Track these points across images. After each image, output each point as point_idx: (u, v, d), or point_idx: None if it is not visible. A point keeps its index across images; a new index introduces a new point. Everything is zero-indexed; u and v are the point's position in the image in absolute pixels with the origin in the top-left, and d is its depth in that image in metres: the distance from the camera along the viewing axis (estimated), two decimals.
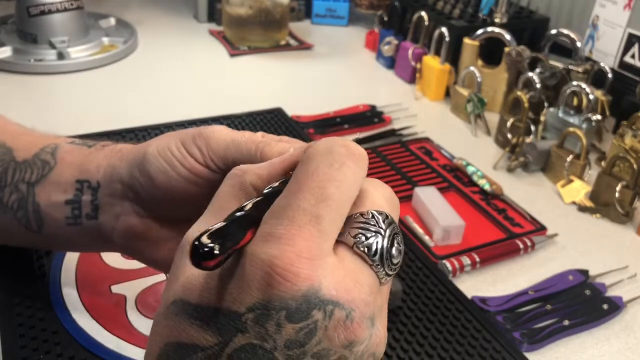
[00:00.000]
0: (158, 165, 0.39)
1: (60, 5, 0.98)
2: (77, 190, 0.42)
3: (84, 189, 0.42)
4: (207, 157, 0.38)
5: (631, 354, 0.53)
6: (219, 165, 0.38)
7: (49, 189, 0.43)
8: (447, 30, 0.94)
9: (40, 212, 0.43)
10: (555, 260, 0.63)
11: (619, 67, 0.91)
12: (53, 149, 0.44)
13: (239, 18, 1.10)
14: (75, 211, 0.42)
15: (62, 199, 0.42)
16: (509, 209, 0.70)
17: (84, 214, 0.42)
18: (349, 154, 0.27)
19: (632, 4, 0.88)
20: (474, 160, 0.78)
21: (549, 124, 0.84)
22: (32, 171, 0.43)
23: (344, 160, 0.27)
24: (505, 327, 0.54)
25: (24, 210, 0.43)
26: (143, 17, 1.20)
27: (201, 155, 0.38)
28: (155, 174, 0.39)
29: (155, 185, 0.39)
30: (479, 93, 0.89)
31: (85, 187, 0.42)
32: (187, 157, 0.38)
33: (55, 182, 0.43)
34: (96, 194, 0.42)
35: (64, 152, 0.44)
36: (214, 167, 0.38)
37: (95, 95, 0.92)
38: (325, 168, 0.26)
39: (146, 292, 0.53)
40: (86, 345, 0.47)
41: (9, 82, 0.93)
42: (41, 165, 0.43)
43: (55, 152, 0.44)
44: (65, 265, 0.55)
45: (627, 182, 0.70)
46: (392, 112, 0.91)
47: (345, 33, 1.24)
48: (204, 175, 0.38)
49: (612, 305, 0.57)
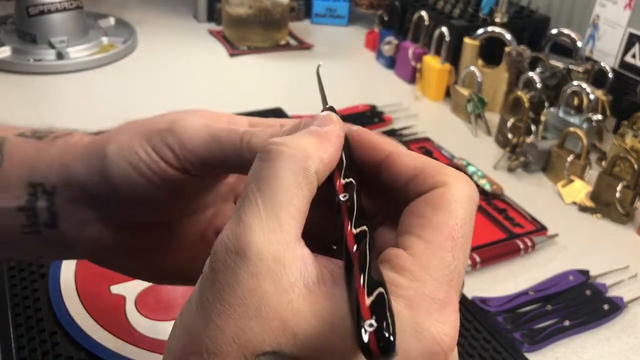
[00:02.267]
0: (121, 172, 0.32)
1: (59, 5, 0.98)
2: (29, 195, 0.35)
3: (37, 193, 0.35)
4: (181, 159, 0.31)
5: (632, 354, 0.53)
6: (197, 167, 0.31)
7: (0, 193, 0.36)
8: (448, 30, 0.94)
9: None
10: (555, 260, 0.63)
11: (619, 67, 0.91)
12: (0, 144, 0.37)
13: (239, 18, 1.09)
14: (31, 219, 0.36)
15: (14, 204, 0.35)
16: (510, 209, 0.70)
17: (40, 222, 0.35)
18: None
19: (633, 4, 0.88)
20: (474, 160, 0.78)
21: (550, 124, 0.84)
22: None
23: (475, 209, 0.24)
24: (506, 327, 0.53)
25: None
26: (142, 17, 1.20)
27: (174, 158, 0.31)
28: (118, 180, 0.32)
29: (119, 192, 0.32)
30: (480, 93, 0.89)
31: (39, 191, 0.35)
32: (158, 161, 0.31)
33: (5, 186, 0.36)
34: (52, 199, 0.35)
35: (12, 147, 0.37)
36: (191, 169, 0.31)
37: (95, 95, 0.92)
38: (469, 220, 0.24)
39: (145, 292, 0.53)
40: (85, 346, 0.47)
41: (8, 82, 0.93)
42: None
43: (2, 148, 0.37)
44: (64, 265, 0.54)
45: (627, 182, 0.70)
46: (393, 112, 0.91)
47: (345, 33, 1.24)
48: (178, 179, 0.31)
49: (613, 306, 0.56)
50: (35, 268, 0.54)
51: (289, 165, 0.23)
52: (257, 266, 0.21)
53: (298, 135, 0.25)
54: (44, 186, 0.35)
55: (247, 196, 0.23)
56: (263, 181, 0.23)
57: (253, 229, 0.22)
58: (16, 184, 0.35)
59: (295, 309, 0.21)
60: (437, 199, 0.24)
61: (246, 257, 0.22)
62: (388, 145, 0.27)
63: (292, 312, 0.21)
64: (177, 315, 0.24)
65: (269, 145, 0.24)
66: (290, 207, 0.23)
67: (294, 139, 0.25)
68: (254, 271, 0.21)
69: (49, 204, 0.35)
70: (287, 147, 0.24)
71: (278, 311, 0.21)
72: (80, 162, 0.34)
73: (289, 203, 0.23)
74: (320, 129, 0.26)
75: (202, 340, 0.22)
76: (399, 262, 0.23)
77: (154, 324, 0.50)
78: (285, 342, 0.21)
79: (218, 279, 0.22)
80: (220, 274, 0.22)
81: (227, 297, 0.22)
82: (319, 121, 0.26)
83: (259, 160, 0.24)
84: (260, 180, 0.23)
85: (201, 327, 0.22)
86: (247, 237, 0.22)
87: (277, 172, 0.23)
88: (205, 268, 0.23)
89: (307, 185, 0.24)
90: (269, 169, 0.23)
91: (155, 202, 0.33)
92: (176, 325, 0.24)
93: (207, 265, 0.23)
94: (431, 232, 0.23)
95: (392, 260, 0.23)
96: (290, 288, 0.22)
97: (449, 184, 0.24)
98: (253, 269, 0.21)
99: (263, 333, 0.21)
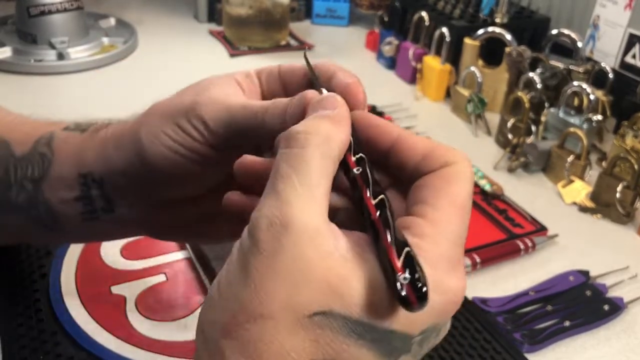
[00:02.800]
0: (155, 152, 0.36)
1: (60, 6, 0.98)
2: (82, 185, 0.40)
3: (88, 183, 0.40)
4: (206, 137, 0.35)
5: (632, 354, 0.53)
6: (221, 143, 0.35)
7: (55, 185, 0.41)
8: (448, 31, 0.94)
9: (53, 209, 0.41)
10: (555, 260, 0.63)
11: (619, 68, 0.91)
12: (48, 139, 0.42)
13: (239, 18, 1.10)
14: (88, 207, 0.40)
15: (70, 195, 0.40)
16: (510, 210, 0.70)
17: (98, 208, 0.40)
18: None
19: (633, 4, 0.88)
20: (474, 160, 0.78)
21: (550, 124, 0.84)
22: (32, 167, 0.42)
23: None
24: (506, 328, 0.53)
25: (36, 209, 0.42)
26: (143, 17, 1.20)
27: (200, 135, 0.35)
28: (155, 160, 0.36)
29: (157, 171, 0.37)
30: (480, 93, 0.89)
31: (89, 181, 0.40)
32: (186, 137, 0.35)
33: (58, 178, 0.41)
34: (102, 187, 0.40)
35: (60, 142, 0.42)
36: (216, 144, 0.35)
37: (95, 95, 0.92)
38: (472, 194, 0.28)
39: (146, 292, 0.53)
40: (86, 346, 0.47)
41: (9, 83, 0.93)
42: (40, 159, 0.42)
43: (51, 143, 0.42)
44: (65, 265, 0.55)
45: (627, 183, 0.70)
46: (393, 112, 0.91)
47: (346, 33, 1.24)
48: (206, 153, 0.35)
49: (613, 306, 0.56)
50: (35, 268, 0.54)
51: (316, 150, 0.26)
52: (299, 236, 0.24)
53: (316, 121, 0.28)
54: (93, 176, 0.40)
55: (282, 176, 0.25)
56: (297, 163, 0.26)
57: (293, 203, 0.24)
58: (68, 176, 0.40)
59: (338, 273, 0.24)
60: (450, 174, 0.28)
61: (289, 227, 0.24)
62: (396, 128, 0.30)
63: (336, 276, 0.24)
64: (210, 292, 0.26)
65: (296, 134, 0.27)
66: (321, 187, 0.26)
67: (315, 125, 0.27)
68: (297, 240, 0.24)
69: (101, 191, 0.40)
70: (312, 135, 0.27)
71: (323, 275, 0.24)
72: (120, 151, 0.38)
73: (319, 183, 0.26)
74: (332, 112, 0.29)
75: (255, 307, 0.23)
76: (418, 228, 0.26)
77: (154, 324, 0.50)
78: (333, 302, 0.23)
79: (264, 248, 0.24)
80: (264, 244, 0.24)
81: (275, 264, 0.24)
82: (327, 103, 0.29)
83: (288, 147, 0.27)
84: (293, 162, 0.26)
85: (252, 295, 0.24)
86: (288, 210, 0.24)
87: (307, 155, 0.26)
88: (244, 241, 0.25)
89: (332, 165, 0.27)
90: (302, 154, 0.26)
91: (190, 177, 0.37)
92: (214, 299, 0.25)
93: (247, 238, 0.25)
94: (446, 202, 0.27)
95: (412, 227, 0.26)
96: (329, 255, 0.24)
97: (458, 163, 0.29)
98: (296, 238, 0.24)
99: (311, 295, 0.23)
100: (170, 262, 0.57)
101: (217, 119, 0.34)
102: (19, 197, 0.42)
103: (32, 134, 0.43)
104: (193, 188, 0.38)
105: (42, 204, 0.41)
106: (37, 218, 0.42)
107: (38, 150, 0.42)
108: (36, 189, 0.41)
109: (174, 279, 0.55)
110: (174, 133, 0.35)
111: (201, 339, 0.26)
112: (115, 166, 0.38)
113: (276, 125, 0.33)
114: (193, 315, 0.51)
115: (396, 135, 0.30)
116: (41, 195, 0.41)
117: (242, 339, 0.24)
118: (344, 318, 0.23)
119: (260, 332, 0.23)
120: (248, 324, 0.23)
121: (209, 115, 0.34)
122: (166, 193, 0.39)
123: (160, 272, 0.55)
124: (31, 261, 0.54)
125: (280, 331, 0.23)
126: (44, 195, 0.41)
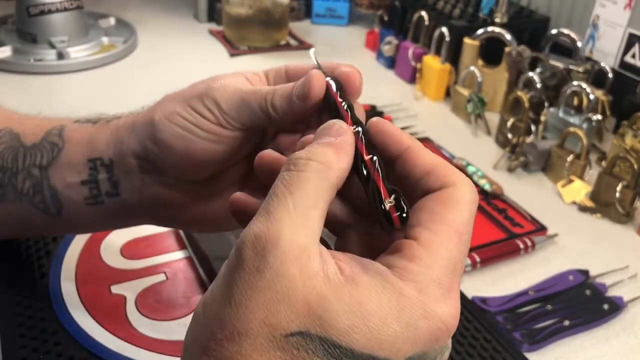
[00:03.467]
0: (169, 132, 0.38)
1: (60, 5, 0.98)
2: (90, 169, 0.42)
3: (97, 167, 0.41)
4: (220, 119, 0.37)
5: (632, 354, 0.53)
6: (234, 125, 0.38)
7: (62, 171, 0.42)
8: (448, 30, 0.94)
9: (58, 195, 0.42)
10: (555, 260, 0.63)
11: (619, 67, 0.91)
12: (59, 130, 0.44)
13: (239, 18, 1.10)
14: (94, 191, 0.42)
15: (77, 180, 0.42)
16: (509, 209, 0.70)
17: (103, 192, 0.42)
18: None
19: (633, 4, 0.88)
20: (474, 160, 0.78)
21: (550, 124, 0.84)
22: (42, 154, 0.43)
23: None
24: (506, 327, 0.53)
25: (41, 195, 0.43)
26: (143, 17, 1.20)
27: (214, 117, 0.38)
28: (169, 140, 0.38)
29: (173, 151, 0.38)
30: (479, 93, 0.89)
31: (98, 165, 0.41)
32: (199, 117, 0.38)
33: (67, 164, 0.42)
34: (111, 171, 0.41)
35: (70, 132, 0.43)
36: (229, 127, 0.38)
37: (95, 95, 0.92)
38: (471, 220, 0.27)
39: (146, 292, 0.53)
40: (86, 345, 0.47)
41: (9, 82, 0.93)
42: (50, 147, 0.43)
43: (62, 133, 0.43)
44: (65, 265, 0.55)
45: (627, 182, 0.70)
46: (392, 112, 0.91)
47: (345, 33, 1.24)
48: (221, 132, 0.38)
49: (613, 306, 0.57)
50: (36, 268, 0.54)
51: (315, 175, 0.26)
52: (284, 254, 0.24)
53: (319, 148, 0.28)
54: (103, 160, 0.41)
55: (277, 196, 0.26)
56: (293, 185, 0.26)
57: (283, 222, 0.24)
58: (77, 162, 0.42)
59: (319, 293, 0.23)
60: (447, 197, 0.27)
61: (276, 244, 0.24)
62: (408, 139, 0.30)
63: (317, 295, 0.23)
64: (197, 307, 0.26)
65: (298, 159, 0.27)
66: (315, 209, 0.26)
67: (317, 152, 0.28)
68: (283, 258, 0.24)
69: (109, 175, 0.41)
70: (313, 161, 0.27)
71: (304, 295, 0.23)
72: (133, 134, 0.40)
73: (315, 206, 0.26)
74: (336, 140, 0.29)
75: (234, 325, 0.23)
76: (410, 251, 0.26)
77: (154, 324, 0.50)
78: (312, 323, 0.23)
79: (247, 265, 0.24)
80: (249, 260, 0.24)
81: (257, 281, 0.23)
82: (332, 131, 0.29)
83: (289, 170, 0.27)
84: (290, 184, 0.26)
85: (231, 312, 0.24)
86: (277, 228, 0.24)
87: (305, 179, 0.26)
88: (231, 258, 0.25)
89: (329, 191, 0.27)
90: (299, 177, 0.26)
91: (205, 157, 0.39)
92: (199, 315, 0.25)
93: (234, 255, 0.25)
94: (441, 226, 0.26)
95: (404, 249, 0.26)
96: (314, 275, 0.24)
97: (457, 185, 0.28)
98: (282, 256, 0.24)
99: (290, 314, 0.23)
100: (170, 262, 0.57)
101: (230, 101, 0.37)
102: (24, 184, 0.43)
103: (43, 126, 0.45)
104: (202, 168, 0.40)
105: (47, 189, 0.42)
106: (40, 205, 0.43)
107: (49, 139, 0.43)
108: (43, 175, 0.42)
109: (174, 279, 0.55)
110: (188, 114, 0.38)
111: (184, 355, 0.26)
112: (127, 148, 0.40)
113: (284, 104, 0.36)
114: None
115: (407, 146, 0.30)
116: (47, 181, 0.42)
117: (219, 357, 0.23)
118: (321, 340, 0.23)
119: (236, 351, 0.23)
120: (226, 342, 0.23)
121: (222, 97, 0.37)
122: (177, 173, 0.40)
123: (160, 272, 0.55)
124: (31, 261, 0.55)
125: (256, 349, 0.23)
126: (50, 181, 0.42)
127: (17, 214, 0.44)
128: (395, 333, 0.24)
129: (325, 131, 0.30)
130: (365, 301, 0.24)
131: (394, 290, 0.24)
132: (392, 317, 0.24)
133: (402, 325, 0.24)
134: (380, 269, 0.25)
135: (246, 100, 0.37)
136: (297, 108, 0.35)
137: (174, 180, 0.41)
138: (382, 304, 0.24)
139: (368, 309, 0.24)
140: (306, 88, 0.34)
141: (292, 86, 0.36)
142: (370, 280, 0.25)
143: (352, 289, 0.24)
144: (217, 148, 0.38)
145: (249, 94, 0.37)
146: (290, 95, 0.35)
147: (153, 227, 0.60)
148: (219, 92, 0.37)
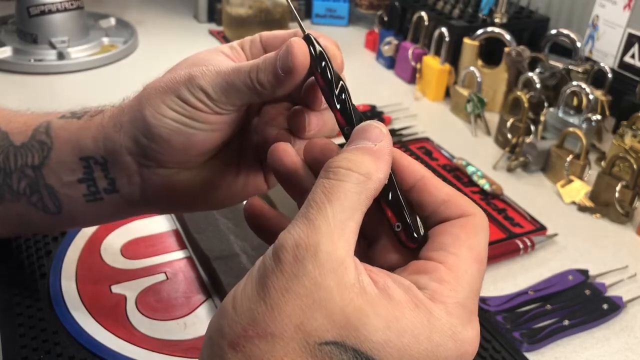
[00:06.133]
0: (168, 127, 0.38)
1: (60, 5, 0.98)
2: (84, 168, 0.41)
3: (91, 165, 0.41)
4: (212, 106, 0.37)
5: (631, 353, 0.53)
6: (227, 109, 0.37)
7: (57, 170, 0.42)
8: (447, 30, 0.94)
9: (56, 193, 0.42)
10: (555, 260, 0.63)
11: (618, 67, 0.91)
12: (46, 127, 0.43)
13: (239, 18, 1.10)
14: (92, 188, 0.41)
15: (73, 178, 0.41)
16: (509, 209, 0.70)
17: (101, 189, 0.41)
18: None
19: (632, 4, 0.88)
20: (474, 160, 0.78)
21: (549, 124, 0.84)
22: (32, 155, 0.42)
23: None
24: (505, 327, 0.54)
25: (38, 194, 0.42)
26: (143, 17, 1.20)
27: (206, 106, 0.37)
28: (169, 135, 0.38)
29: (172, 145, 0.38)
30: (479, 93, 0.89)
31: (92, 163, 0.41)
32: (194, 111, 0.37)
33: (59, 163, 0.42)
34: (106, 168, 0.41)
35: (57, 129, 0.43)
36: (224, 112, 0.37)
37: (95, 95, 0.91)
38: (485, 250, 0.29)
39: (146, 291, 0.53)
40: (86, 345, 0.47)
41: (9, 82, 0.93)
42: (39, 147, 0.42)
43: (49, 131, 0.43)
44: (65, 265, 0.55)
45: (627, 182, 0.70)
46: (392, 112, 0.91)
47: (345, 33, 1.24)
48: (217, 120, 0.37)
49: (612, 305, 0.57)
50: (36, 267, 0.54)
51: (355, 187, 0.27)
52: (323, 264, 0.24)
53: (359, 156, 0.28)
54: (95, 159, 0.41)
55: (316, 204, 0.26)
56: (333, 195, 0.26)
57: (322, 231, 0.25)
58: (69, 161, 0.41)
59: (357, 306, 0.24)
60: (469, 226, 0.29)
61: (315, 254, 0.24)
62: (421, 169, 0.31)
63: (354, 308, 0.24)
64: (225, 300, 0.26)
65: (337, 168, 0.27)
66: (352, 221, 0.26)
67: (358, 161, 0.28)
68: (321, 268, 0.24)
69: (105, 173, 0.41)
70: (354, 172, 0.27)
71: (341, 306, 0.24)
72: (122, 132, 0.39)
73: (352, 218, 0.26)
74: (375, 146, 0.29)
75: (267, 324, 0.24)
76: (438, 274, 0.27)
77: (154, 324, 0.50)
78: (347, 335, 0.24)
79: (286, 270, 0.24)
80: (288, 265, 0.24)
81: (295, 287, 0.24)
82: (372, 135, 0.29)
83: (328, 178, 0.27)
84: (330, 193, 0.26)
85: (266, 312, 0.24)
86: (317, 237, 0.25)
87: (345, 191, 0.26)
88: (268, 259, 0.25)
89: (367, 202, 0.27)
90: (339, 187, 0.26)
91: (205, 143, 0.38)
92: (228, 309, 0.25)
93: (271, 256, 0.25)
94: (465, 252, 0.28)
95: (432, 272, 0.27)
96: (350, 287, 0.24)
97: (475, 215, 0.29)
98: (320, 266, 0.24)
99: (327, 324, 0.23)
100: (171, 261, 0.57)
101: (215, 86, 0.36)
102: (20, 184, 0.43)
103: (30, 124, 0.44)
104: (203, 154, 0.40)
105: (44, 188, 0.42)
106: (38, 204, 0.43)
107: (37, 138, 0.43)
108: (37, 175, 0.42)
109: (174, 278, 0.55)
110: (177, 106, 0.37)
111: (208, 346, 0.26)
112: (119, 147, 0.40)
113: (271, 79, 0.35)
114: (193, 314, 0.51)
115: (420, 176, 0.31)
116: (43, 180, 0.42)
117: (248, 354, 0.24)
118: (355, 351, 0.23)
119: (267, 350, 0.23)
120: (257, 340, 0.24)
121: (207, 83, 0.36)
122: (173, 162, 0.40)
123: (161, 271, 0.55)
124: (31, 261, 0.55)
125: (288, 353, 0.23)
126: (45, 180, 0.42)
127: (16, 214, 0.44)
128: (427, 352, 0.25)
129: (365, 134, 0.29)
130: (400, 317, 0.24)
131: (426, 310, 0.25)
132: (424, 336, 0.25)
133: (433, 345, 0.25)
134: (410, 286, 0.26)
135: (231, 82, 0.36)
136: (285, 81, 0.35)
137: (175, 170, 0.40)
138: (415, 322, 0.25)
139: (402, 325, 0.24)
140: (289, 59, 0.33)
141: (275, 58, 0.35)
142: (404, 296, 0.25)
143: (388, 304, 0.25)
144: (216, 134, 0.38)
145: (232, 75, 0.36)
146: (275, 69, 0.35)
147: (153, 227, 0.60)
148: (202, 79, 0.36)
